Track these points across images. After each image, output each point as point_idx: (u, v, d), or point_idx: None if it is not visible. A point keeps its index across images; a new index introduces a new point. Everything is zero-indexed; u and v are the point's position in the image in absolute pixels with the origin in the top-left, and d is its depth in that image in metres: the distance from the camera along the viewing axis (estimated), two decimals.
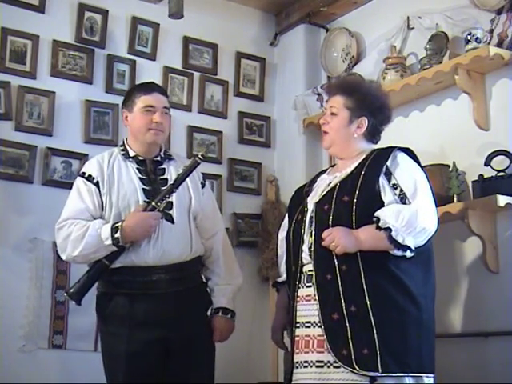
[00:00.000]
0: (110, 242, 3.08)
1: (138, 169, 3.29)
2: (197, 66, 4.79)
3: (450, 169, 3.76)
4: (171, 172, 3.32)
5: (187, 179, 3.27)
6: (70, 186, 4.12)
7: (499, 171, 3.61)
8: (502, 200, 3.49)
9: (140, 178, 3.27)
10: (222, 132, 4.76)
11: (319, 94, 4.59)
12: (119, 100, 4.38)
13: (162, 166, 3.33)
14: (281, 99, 5.04)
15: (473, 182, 3.71)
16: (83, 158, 4.25)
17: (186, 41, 4.77)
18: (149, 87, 3.40)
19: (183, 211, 3.26)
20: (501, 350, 3.55)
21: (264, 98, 5.03)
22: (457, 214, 3.63)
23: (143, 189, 3.24)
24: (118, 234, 3.08)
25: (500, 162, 3.63)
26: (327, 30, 4.90)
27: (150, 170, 3.30)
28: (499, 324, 3.57)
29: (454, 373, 3.59)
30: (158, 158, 3.34)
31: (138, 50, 4.57)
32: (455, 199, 3.69)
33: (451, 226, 3.75)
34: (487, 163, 3.63)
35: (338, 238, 2.74)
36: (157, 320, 3.13)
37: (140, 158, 3.31)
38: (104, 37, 4.45)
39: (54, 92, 4.24)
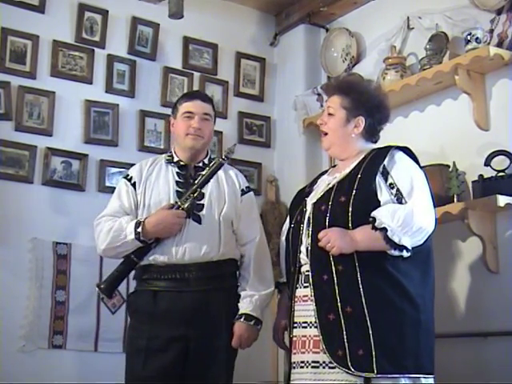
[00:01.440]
0: (132, 236, 3.17)
1: (177, 173, 3.37)
2: (197, 66, 4.81)
3: (450, 169, 3.76)
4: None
5: (225, 185, 3.36)
6: (69, 186, 4.24)
7: (499, 171, 3.61)
8: (502, 200, 3.49)
9: (177, 181, 3.35)
10: (222, 132, 4.76)
11: (319, 94, 4.59)
12: (119, 100, 4.47)
13: (200, 176, 3.35)
14: (281, 99, 5.06)
15: (473, 182, 3.71)
16: (83, 158, 4.28)
17: (186, 41, 4.78)
18: (192, 94, 3.59)
19: (213, 214, 3.30)
20: (500, 350, 3.55)
21: (264, 98, 5.05)
22: (457, 214, 3.64)
23: (177, 191, 3.32)
24: (139, 229, 3.17)
25: (500, 162, 3.63)
26: (327, 30, 4.92)
27: (190, 174, 3.37)
28: (499, 324, 3.57)
29: (454, 373, 3.59)
30: (201, 164, 3.40)
31: (138, 50, 4.59)
32: (455, 199, 3.69)
33: (451, 226, 3.76)
34: (487, 163, 3.63)
35: (334, 239, 2.73)
36: (177, 318, 3.17)
37: (182, 163, 3.39)
38: (104, 37, 4.47)
39: (53, 92, 4.25)
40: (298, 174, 4.70)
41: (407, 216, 2.72)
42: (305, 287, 2.91)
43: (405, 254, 2.74)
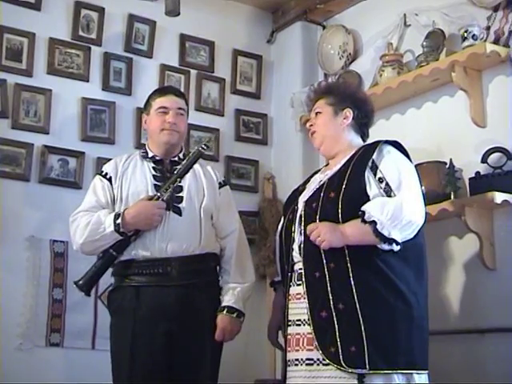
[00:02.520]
0: (112, 228, 3.14)
1: (153, 167, 3.37)
2: (193, 63, 4.81)
3: (447, 166, 3.76)
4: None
5: (203, 178, 3.37)
6: (66, 184, 4.23)
7: (496, 168, 3.62)
8: (499, 197, 3.50)
9: (154, 176, 3.34)
10: (218, 129, 4.76)
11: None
12: (116, 98, 4.48)
13: (179, 166, 3.34)
14: (278, 96, 5.06)
15: (469, 179, 3.71)
16: (80, 156, 4.28)
17: (183, 38, 4.79)
18: (164, 90, 3.57)
19: (193, 206, 3.30)
20: (497, 346, 3.55)
21: (261, 95, 5.06)
22: (453, 211, 3.64)
23: (155, 184, 3.31)
24: (119, 220, 3.15)
25: (497, 159, 3.64)
26: (324, 28, 4.92)
27: (166, 169, 3.36)
28: (496, 321, 3.58)
29: (450, 370, 3.61)
30: (176, 159, 3.39)
31: (135, 47, 4.59)
32: (452, 196, 3.69)
33: (448, 223, 3.77)
34: (484, 160, 3.64)
35: (324, 234, 2.74)
36: (162, 313, 3.15)
37: (157, 157, 3.38)
38: (100, 34, 4.47)
39: (50, 90, 4.25)
40: (296, 171, 4.70)
41: (396, 209, 2.72)
42: (298, 285, 2.93)
43: (395, 247, 2.74)
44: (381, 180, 2.85)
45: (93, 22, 4.44)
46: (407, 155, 2.98)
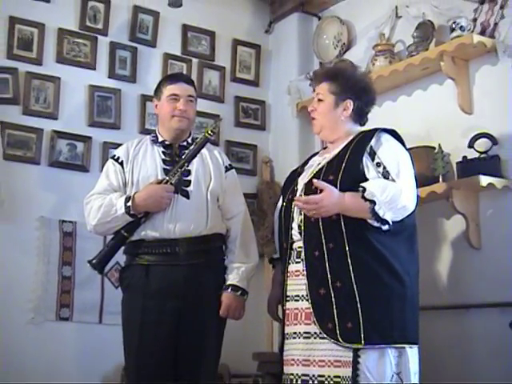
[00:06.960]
0: (123, 210, 3.23)
1: (163, 152, 3.43)
2: (195, 52, 4.89)
3: (436, 150, 3.84)
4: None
5: (210, 162, 3.44)
6: (74, 167, 4.32)
7: (482, 153, 3.70)
8: (484, 180, 3.60)
9: (163, 160, 3.40)
10: (219, 115, 4.68)
11: (312, 79, 4.55)
12: (121, 85, 4.55)
13: (187, 151, 3.39)
14: (275, 84, 5.13)
15: (457, 163, 3.79)
16: (87, 140, 4.38)
17: (185, 28, 4.86)
18: (175, 77, 3.62)
19: (201, 189, 3.37)
20: (481, 321, 3.66)
21: (259, 83, 5.13)
22: (441, 193, 3.73)
23: (164, 168, 3.37)
24: (129, 203, 3.23)
25: (483, 144, 3.73)
26: (319, 19, 4.97)
27: (175, 153, 3.42)
28: (480, 297, 3.68)
29: (437, 343, 3.71)
30: (185, 143, 3.45)
31: (139, 37, 4.67)
32: (440, 179, 3.78)
33: (436, 204, 3.85)
34: (471, 145, 3.72)
35: (320, 212, 2.81)
36: (169, 291, 3.24)
37: (167, 142, 3.45)
38: (106, 25, 4.55)
39: (59, 78, 4.35)
40: (292, 155, 4.77)
41: (396, 194, 2.81)
42: (297, 263, 2.99)
43: (384, 227, 2.82)
44: (378, 164, 2.92)
45: (99, 12, 4.52)
46: (403, 143, 3.04)
